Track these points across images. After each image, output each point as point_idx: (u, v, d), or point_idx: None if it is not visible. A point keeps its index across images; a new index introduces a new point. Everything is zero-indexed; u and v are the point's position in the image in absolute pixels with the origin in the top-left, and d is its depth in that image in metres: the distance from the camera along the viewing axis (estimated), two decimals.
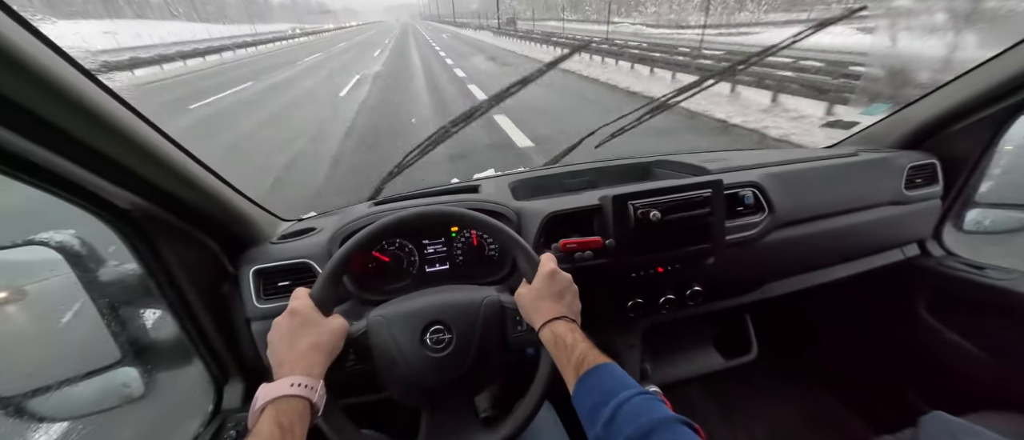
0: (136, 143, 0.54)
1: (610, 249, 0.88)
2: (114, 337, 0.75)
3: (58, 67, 0.43)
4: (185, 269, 0.72)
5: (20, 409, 0.69)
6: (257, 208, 0.91)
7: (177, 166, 0.62)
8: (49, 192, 0.51)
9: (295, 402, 0.49)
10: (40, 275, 0.71)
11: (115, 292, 0.74)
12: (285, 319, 0.58)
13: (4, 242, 0.64)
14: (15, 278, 0.70)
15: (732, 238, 0.98)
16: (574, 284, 0.69)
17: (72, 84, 0.44)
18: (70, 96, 0.44)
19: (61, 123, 0.44)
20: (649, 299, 0.98)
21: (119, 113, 0.51)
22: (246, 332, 0.83)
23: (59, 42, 0.45)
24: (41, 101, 0.41)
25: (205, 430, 0.79)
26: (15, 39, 0.38)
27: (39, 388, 0.70)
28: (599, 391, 0.51)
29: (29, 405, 0.70)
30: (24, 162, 0.47)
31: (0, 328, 0.75)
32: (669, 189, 0.89)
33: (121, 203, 0.61)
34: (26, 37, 0.40)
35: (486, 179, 1.21)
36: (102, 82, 0.49)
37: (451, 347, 0.64)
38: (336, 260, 0.66)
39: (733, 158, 1.19)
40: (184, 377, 0.87)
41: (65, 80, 0.43)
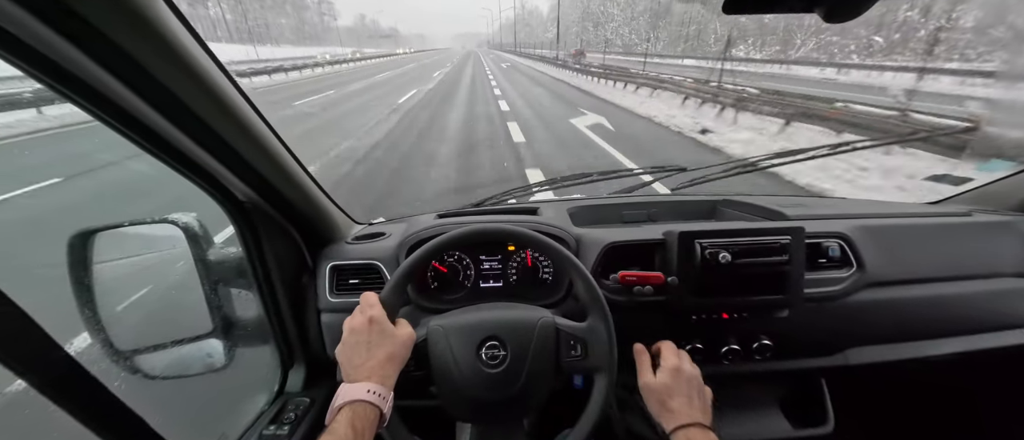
0: (260, 143, 0.62)
1: (671, 287, 0.84)
2: (210, 310, 0.84)
3: (214, 72, 0.51)
4: (276, 258, 0.81)
5: (129, 363, 0.79)
6: (337, 209, 1.00)
7: (286, 166, 0.71)
8: (189, 178, 0.61)
9: (369, 409, 0.52)
10: (163, 248, 0.83)
11: (217, 271, 0.85)
12: (364, 325, 0.61)
13: (145, 218, 0.76)
14: (145, 248, 0.83)
15: (811, 292, 0.89)
16: (702, 381, 0.70)
17: (222, 88, 0.52)
18: (219, 98, 0.52)
19: (209, 120, 0.52)
20: (710, 346, 0.91)
21: (250, 115, 0.60)
22: (315, 322, 0.90)
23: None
24: (199, 101, 0.50)
25: (269, 408, 0.86)
26: (190, 48, 0.46)
27: (145, 347, 0.81)
28: None
29: (135, 360, 0.80)
30: (176, 151, 0.56)
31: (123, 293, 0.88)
32: (742, 231, 0.84)
33: (239, 194, 0.70)
34: (195, 47, 0.48)
35: (544, 203, 1.22)
36: (242, 88, 0.57)
37: (505, 365, 0.65)
38: (405, 268, 0.69)
39: (815, 205, 1.10)
40: (257, 356, 0.95)
41: (218, 84, 0.52)
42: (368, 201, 4.31)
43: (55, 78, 0.40)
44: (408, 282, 0.71)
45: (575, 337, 0.69)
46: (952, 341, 0.98)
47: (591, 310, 0.70)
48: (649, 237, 0.91)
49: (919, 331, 0.98)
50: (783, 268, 0.83)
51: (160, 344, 0.83)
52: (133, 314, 0.83)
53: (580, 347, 0.68)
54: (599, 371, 0.68)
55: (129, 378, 0.80)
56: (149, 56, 0.41)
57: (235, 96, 0.56)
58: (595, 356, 0.68)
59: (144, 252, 0.84)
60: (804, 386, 1.07)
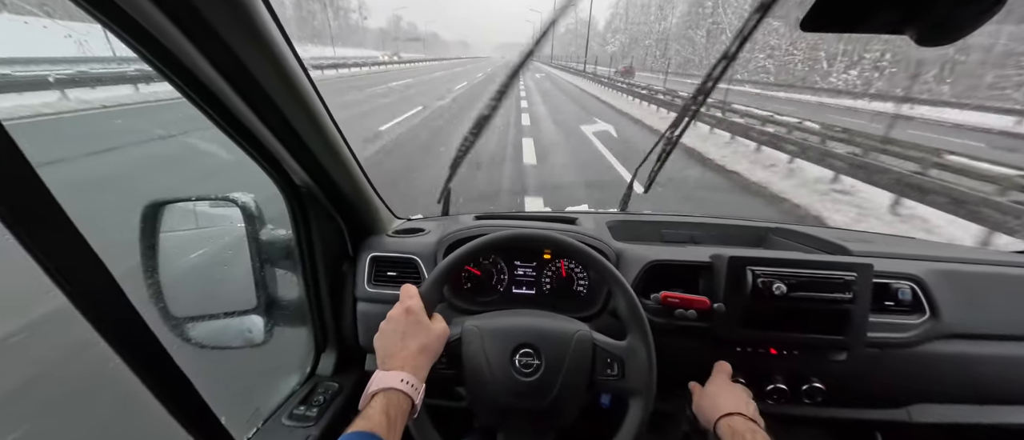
0: (322, 131, 0.65)
1: (717, 314, 0.79)
2: (256, 288, 0.88)
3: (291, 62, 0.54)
4: (322, 243, 0.84)
5: (180, 329, 0.84)
6: (381, 202, 1.02)
7: (342, 155, 0.74)
8: (255, 159, 0.64)
9: (402, 398, 0.52)
10: (222, 225, 0.89)
11: (267, 251, 0.88)
12: (401, 314, 0.62)
13: (209, 195, 0.81)
14: (206, 223, 0.89)
15: (875, 337, 0.81)
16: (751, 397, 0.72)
17: (297, 77, 0.55)
18: (294, 86, 0.55)
19: (281, 105, 0.55)
20: (754, 382, 0.85)
21: (317, 105, 0.62)
22: (351, 310, 0.92)
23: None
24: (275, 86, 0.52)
25: (300, 388, 0.88)
26: (275, 38, 0.49)
27: (196, 316, 0.85)
28: None
29: (185, 327, 0.85)
30: (248, 132, 0.59)
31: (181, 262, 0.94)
32: (801, 262, 0.78)
33: (297, 179, 0.73)
34: (279, 37, 0.51)
35: (583, 213, 1.20)
36: (312, 78, 0.60)
37: (539, 374, 0.63)
38: (447, 265, 0.69)
39: (882, 242, 1.01)
40: (293, 337, 0.98)
41: (294, 73, 0.54)
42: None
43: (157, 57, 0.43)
44: (447, 279, 0.71)
45: (612, 355, 0.66)
46: None
47: (632, 329, 0.67)
48: (695, 259, 0.87)
49: (997, 394, 0.87)
50: (845, 307, 0.76)
51: (209, 315, 0.87)
52: (187, 283, 0.88)
53: (617, 366, 0.65)
54: (636, 394, 0.64)
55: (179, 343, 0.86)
56: (239, 40, 0.44)
57: (307, 86, 0.58)
58: (633, 378, 0.65)
59: (205, 226, 0.89)
60: (856, 439, 0.97)
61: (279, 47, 0.49)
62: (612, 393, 0.67)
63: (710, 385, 0.74)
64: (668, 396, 0.83)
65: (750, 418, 0.64)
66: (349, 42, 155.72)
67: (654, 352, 0.66)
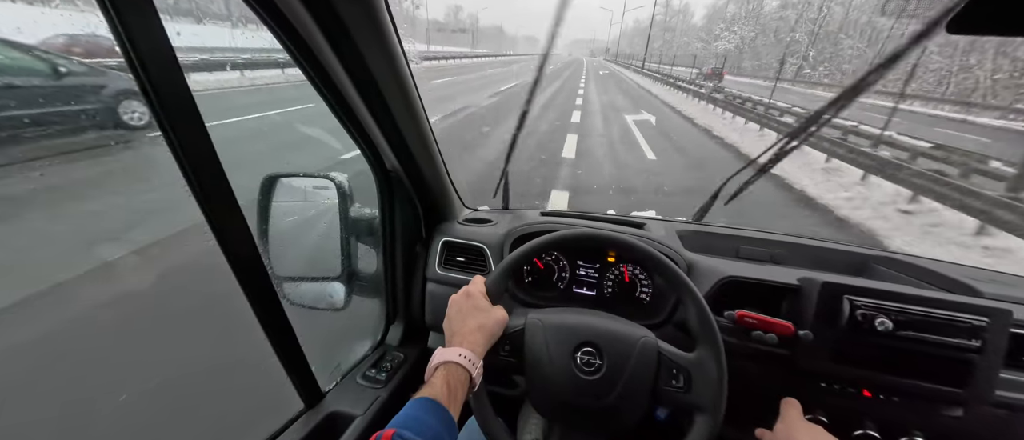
0: (416, 120, 0.71)
1: (803, 342, 0.72)
2: (342, 258, 0.99)
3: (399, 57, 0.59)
4: (402, 224, 0.91)
5: (280, 287, 0.96)
6: (454, 191, 1.08)
7: (429, 144, 0.80)
8: (356, 142, 0.72)
9: (460, 371, 0.56)
10: (320, 200, 1.00)
11: (354, 226, 0.98)
12: (462, 298, 0.67)
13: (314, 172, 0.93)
14: (308, 197, 1.01)
15: (1006, 397, 0.69)
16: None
17: (402, 70, 0.60)
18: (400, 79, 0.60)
19: (386, 94, 0.61)
20: (837, 424, 0.76)
21: (414, 97, 0.68)
22: (420, 288, 0.98)
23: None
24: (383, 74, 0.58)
25: (371, 354, 0.97)
26: (390, 32, 0.54)
27: (292, 276, 0.97)
28: None
29: (284, 286, 0.97)
30: (355, 119, 0.66)
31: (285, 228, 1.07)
32: (914, 298, 0.68)
33: (387, 163, 0.80)
34: (392, 32, 0.56)
35: (651, 219, 1.16)
36: (413, 73, 0.65)
37: (600, 374, 0.63)
38: (514, 259, 0.71)
39: (1018, 284, 0.85)
40: (369, 307, 1.08)
41: (400, 66, 0.60)
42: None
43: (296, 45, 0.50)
44: (513, 272, 0.73)
45: (678, 366, 0.64)
46: None
47: (703, 342, 0.64)
48: (780, 279, 0.80)
49: None
50: (968, 355, 0.66)
51: (302, 276, 0.99)
52: (288, 248, 1.01)
53: (682, 378, 0.63)
54: (702, 411, 0.61)
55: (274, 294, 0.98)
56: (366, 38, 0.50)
57: (409, 80, 0.64)
58: (699, 393, 0.62)
59: (307, 199, 1.02)
60: None
61: (395, 46, 0.54)
62: (676, 406, 0.64)
63: (780, 425, 0.68)
64: (735, 424, 0.78)
65: None
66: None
67: (726, 369, 0.62)
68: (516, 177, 4.62)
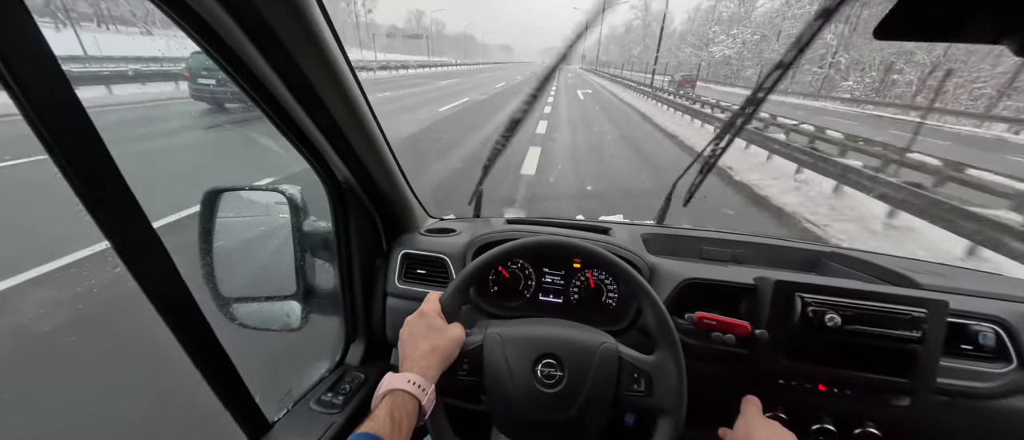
0: (366, 131, 0.68)
1: (759, 341, 0.74)
2: (296, 275, 0.93)
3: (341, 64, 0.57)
4: (358, 237, 0.87)
5: (227, 309, 0.90)
6: (416, 201, 1.05)
7: (382, 155, 0.77)
8: (302, 152, 0.68)
9: (408, 399, 0.52)
10: (270, 214, 0.95)
11: (308, 241, 0.93)
12: (416, 318, 0.64)
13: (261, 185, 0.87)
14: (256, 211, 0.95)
15: (947, 384, 0.72)
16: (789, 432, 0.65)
17: (346, 79, 0.58)
18: (342, 87, 0.57)
19: (330, 105, 0.58)
20: (796, 420, 0.78)
21: (363, 106, 0.65)
22: (381, 304, 0.94)
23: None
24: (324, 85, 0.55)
25: (329, 376, 0.92)
26: (328, 40, 0.52)
27: (242, 297, 0.91)
28: None
29: (232, 308, 0.91)
30: (297, 129, 0.63)
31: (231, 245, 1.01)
32: (860, 292, 0.71)
33: (339, 174, 0.77)
34: (332, 40, 0.54)
35: (617, 224, 1.17)
36: (360, 81, 0.63)
37: (561, 386, 0.61)
38: (468, 273, 0.69)
39: (960, 277, 0.90)
40: (326, 325, 1.03)
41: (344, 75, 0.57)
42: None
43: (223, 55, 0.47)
44: (470, 286, 0.71)
45: (640, 370, 0.63)
46: None
47: (661, 345, 0.64)
48: (737, 280, 0.81)
49: None
50: (911, 346, 0.68)
51: (253, 296, 0.93)
52: (236, 267, 0.95)
53: (644, 382, 0.62)
54: (664, 414, 0.61)
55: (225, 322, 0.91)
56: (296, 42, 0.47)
57: (354, 87, 0.61)
58: (660, 395, 0.61)
59: (255, 215, 0.96)
60: None
61: (331, 49, 0.52)
62: (639, 411, 0.64)
63: (740, 422, 0.69)
64: (698, 425, 0.78)
65: None
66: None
67: (685, 370, 0.62)
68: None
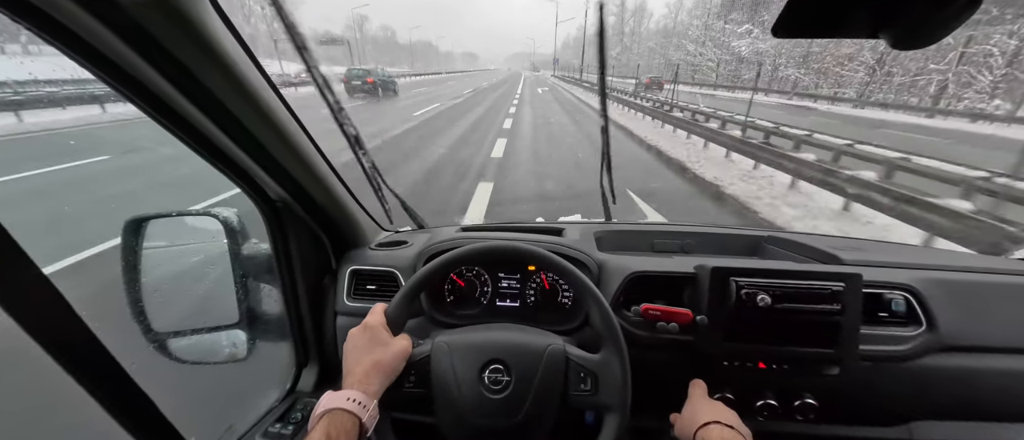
0: (294, 147, 0.66)
1: (700, 327, 0.77)
2: (238, 303, 0.88)
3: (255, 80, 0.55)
4: (301, 257, 0.84)
5: (162, 344, 0.84)
6: (365, 215, 1.03)
7: (317, 171, 0.74)
8: (224, 173, 0.65)
9: (347, 418, 0.51)
10: (205, 240, 0.89)
11: (248, 266, 0.89)
12: (359, 332, 0.62)
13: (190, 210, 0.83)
14: (189, 238, 0.90)
15: (868, 350, 0.78)
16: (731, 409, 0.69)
17: (261, 94, 0.56)
18: (257, 104, 0.56)
19: (246, 123, 0.56)
20: (742, 398, 0.82)
21: (287, 122, 0.63)
22: (332, 324, 0.91)
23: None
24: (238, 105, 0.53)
25: (279, 405, 0.87)
26: (233, 55, 0.50)
27: (178, 330, 0.85)
28: None
29: (168, 343, 0.85)
30: (215, 149, 0.60)
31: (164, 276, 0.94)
32: (787, 272, 0.76)
33: (271, 193, 0.74)
34: (240, 55, 0.52)
35: (571, 224, 1.19)
36: (282, 95, 0.61)
37: (508, 391, 0.61)
38: (415, 280, 0.68)
39: (876, 250, 0.98)
40: (276, 352, 0.98)
41: (257, 90, 0.55)
42: None
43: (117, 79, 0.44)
44: (416, 295, 0.69)
45: (586, 369, 0.64)
46: None
47: (605, 342, 0.66)
48: (679, 270, 0.85)
49: (1000, 411, 0.83)
50: (834, 318, 0.74)
51: (191, 329, 0.87)
52: (170, 298, 0.89)
53: (590, 381, 0.63)
54: (610, 410, 0.62)
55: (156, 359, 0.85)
56: (195, 60, 0.45)
57: (273, 102, 0.59)
58: (606, 393, 0.63)
59: (187, 242, 0.90)
60: None
61: (237, 65, 0.50)
62: (587, 409, 0.65)
63: (687, 406, 0.72)
64: (652, 413, 0.80)
65: (726, 425, 0.62)
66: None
67: (628, 365, 0.64)
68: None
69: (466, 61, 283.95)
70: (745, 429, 0.66)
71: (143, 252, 0.80)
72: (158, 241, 0.83)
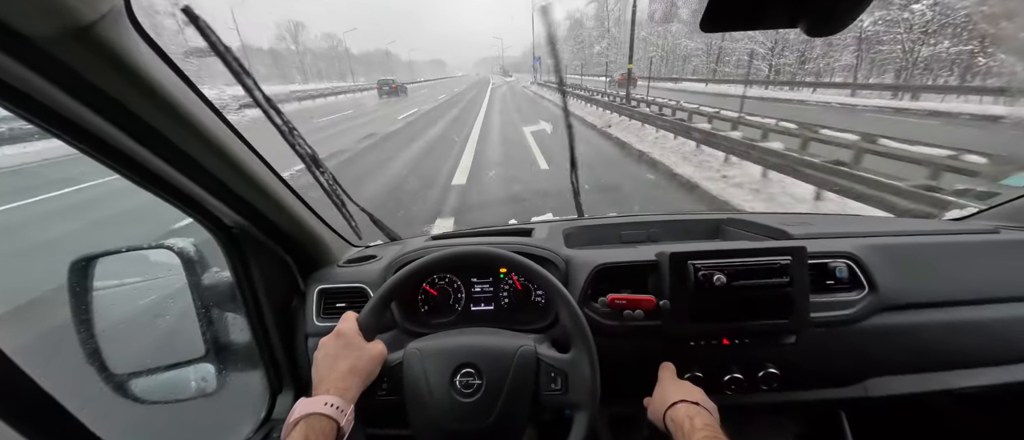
0: (244, 171, 0.65)
1: (663, 311, 0.80)
2: (203, 335, 0.85)
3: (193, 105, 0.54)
4: (265, 282, 0.82)
5: (121, 386, 0.80)
6: (331, 232, 1.01)
7: (273, 192, 0.73)
8: (172, 204, 0.63)
9: (325, 422, 0.51)
10: (161, 273, 0.86)
11: (211, 296, 0.86)
12: (331, 339, 0.62)
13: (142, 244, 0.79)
14: (143, 273, 0.86)
15: (820, 317, 0.83)
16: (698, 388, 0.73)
17: (201, 120, 0.55)
18: (199, 129, 0.54)
19: (189, 150, 0.55)
20: (711, 375, 0.86)
21: (234, 145, 0.62)
22: (304, 347, 0.89)
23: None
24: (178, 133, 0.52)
25: (255, 435, 0.85)
26: (162, 78, 0.48)
27: (138, 371, 0.82)
28: None
29: (128, 384, 0.81)
30: (159, 179, 0.58)
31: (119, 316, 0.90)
32: (739, 252, 0.80)
33: (226, 219, 0.72)
34: (172, 77, 0.51)
35: (542, 223, 1.21)
36: (226, 118, 0.60)
37: (479, 394, 0.62)
38: (384, 289, 0.69)
39: (822, 223, 1.05)
40: (249, 381, 0.95)
41: (196, 115, 0.54)
42: None
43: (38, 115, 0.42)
44: (388, 303, 0.70)
45: (556, 369, 0.65)
46: (984, 372, 0.88)
47: (574, 341, 0.67)
48: (641, 258, 0.88)
49: (945, 360, 0.90)
50: (785, 290, 0.78)
51: (154, 368, 0.84)
52: (128, 337, 0.85)
53: (561, 380, 0.64)
54: (579, 408, 0.63)
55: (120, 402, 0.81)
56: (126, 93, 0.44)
57: (216, 126, 0.58)
58: (576, 391, 0.64)
59: (142, 277, 0.87)
60: (823, 421, 0.98)
61: (172, 93, 0.49)
62: (559, 407, 0.66)
63: (657, 388, 0.75)
64: (629, 399, 0.83)
65: (692, 402, 0.65)
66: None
67: (597, 362, 0.65)
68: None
69: (433, 69, 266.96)
70: (710, 404, 0.69)
71: (94, 294, 0.77)
72: (109, 280, 0.80)
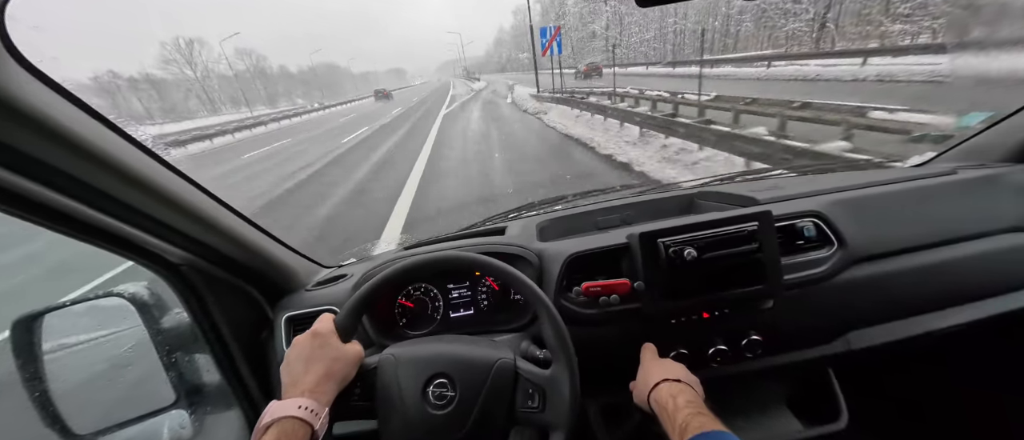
0: (182, 205, 0.61)
1: (639, 293, 0.79)
2: (171, 381, 0.82)
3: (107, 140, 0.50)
4: (227, 318, 0.78)
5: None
6: (297, 256, 0.98)
7: (221, 224, 0.70)
8: (104, 249, 0.59)
9: (298, 426, 0.49)
10: (116, 325, 0.82)
11: (174, 339, 0.82)
12: (306, 338, 0.59)
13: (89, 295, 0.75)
14: (97, 325, 0.82)
15: (793, 278, 0.83)
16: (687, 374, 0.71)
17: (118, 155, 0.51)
18: (117, 166, 0.51)
19: (109, 189, 0.51)
20: (695, 350, 0.85)
21: (166, 179, 0.59)
22: (278, 379, 0.86)
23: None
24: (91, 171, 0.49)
25: None
26: (69, 117, 0.45)
27: (105, 428, 0.78)
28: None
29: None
30: (81, 224, 0.54)
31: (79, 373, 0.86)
32: (706, 223, 0.80)
33: (172, 258, 0.69)
34: (79, 115, 0.47)
35: (517, 220, 1.20)
36: (153, 152, 0.57)
37: (451, 407, 0.59)
38: (363, 292, 0.65)
39: (789, 185, 1.05)
40: (227, 421, 0.91)
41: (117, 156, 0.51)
42: None
43: None
44: (366, 307, 0.65)
45: (534, 385, 0.62)
46: (956, 311, 0.90)
47: (556, 356, 0.63)
48: (612, 242, 0.87)
49: (917, 305, 0.91)
50: (755, 256, 0.78)
51: (123, 421, 0.80)
52: (88, 395, 0.81)
53: (538, 397, 0.61)
54: (555, 429, 0.59)
55: None
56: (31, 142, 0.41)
57: (146, 164, 0.55)
58: (553, 411, 0.60)
59: (96, 329, 0.82)
60: (811, 380, 0.99)
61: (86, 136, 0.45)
62: (534, 426, 0.62)
63: (640, 371, 0.74)
64: (612, 387, 0.82)
65: (673, 380, 0.64)
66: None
67: (578, 381, 0.61)
68: None
69: (392, 78, 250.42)
70: (692, 378, 0.68)
71: (44, 350, 0.73)
72: (60, 338, 0.75)
